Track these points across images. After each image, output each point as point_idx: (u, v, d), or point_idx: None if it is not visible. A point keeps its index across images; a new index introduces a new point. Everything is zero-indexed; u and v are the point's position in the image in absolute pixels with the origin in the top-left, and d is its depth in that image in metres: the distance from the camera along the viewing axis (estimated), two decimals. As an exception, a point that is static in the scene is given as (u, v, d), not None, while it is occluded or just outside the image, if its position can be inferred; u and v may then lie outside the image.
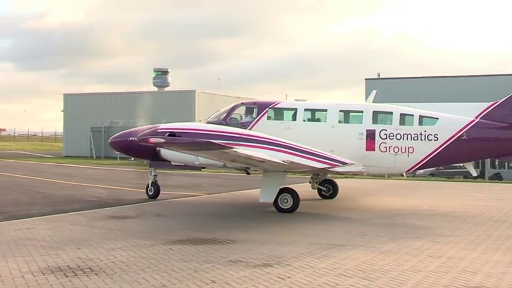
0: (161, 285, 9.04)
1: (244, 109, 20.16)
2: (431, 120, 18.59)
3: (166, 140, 14.88)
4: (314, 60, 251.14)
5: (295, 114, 19.60)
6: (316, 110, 20.17)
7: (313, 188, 22.43)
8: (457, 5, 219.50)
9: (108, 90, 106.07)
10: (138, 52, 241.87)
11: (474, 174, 19.99)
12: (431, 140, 18.28)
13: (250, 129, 19.04)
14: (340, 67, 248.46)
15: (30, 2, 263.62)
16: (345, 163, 17.97)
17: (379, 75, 56.59)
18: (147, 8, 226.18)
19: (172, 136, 17.49)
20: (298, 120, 19.44)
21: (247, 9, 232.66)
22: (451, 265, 10.66)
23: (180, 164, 19.22)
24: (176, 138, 16.91)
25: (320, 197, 21.88)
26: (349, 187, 26.82)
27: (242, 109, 20.17)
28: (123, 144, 20.14)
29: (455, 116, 18.56)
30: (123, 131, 21.69)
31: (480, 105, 18.92)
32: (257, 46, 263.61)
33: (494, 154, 19.86)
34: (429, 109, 19.09)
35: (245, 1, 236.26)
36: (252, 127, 19.19)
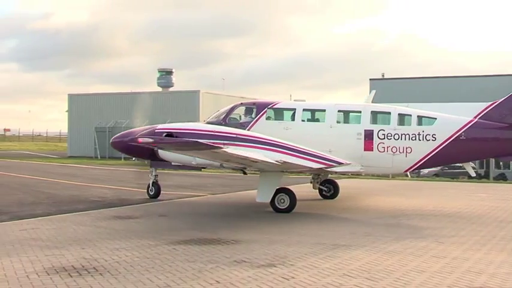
0: (165, 285, 9.05)
1: (243, 109, 20.26)
2: (429, 120, 18.59)
3: (154, 140, 15.13)
4: (319, 60, 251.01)
5: (293, 114, 19.69)
6: (314, 110, 20.27)
7: (314, 188, 22.49)
8: (463, 5, 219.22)
9: (112, 90, 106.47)
10: (143, 52, 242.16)
11: (473, 174, 19.96)
12: (429, 140, 18.26)
13: (249, 129, 19.15)
14: (344, 67, 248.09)
15: (35, 3, 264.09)
16: (341, 163, 17.97)
17: (383, 75, 56.52)
18: (152, 9, 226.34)
19: (169, 136, 17.69)
20: (296, 120, 19.51)
21: (252, 9, 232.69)
22: (456, 265, 10.65)
23: (180, 164, 19.28)
24: (164, 138, 17.21)
25: (321, 197, 21.93)
26: (353, 187, 26.82)
27: (241, 109, 20.26)
28: (123, 144, 20.20)
29: (453, 116, 18.53)
30: (124, 131, 21.78)
31: (479, 105, 18.88)
32: (262, 46, 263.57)
33: (492, 154, 19.85)
34: (427, 109, 19.10)
35: (250, 1, 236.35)
36: (251, 127, 19.27)
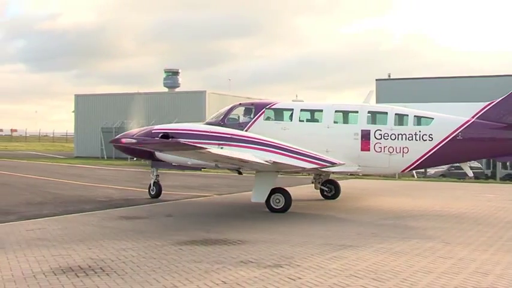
0: (172, 285, 9.06)
1: (241, 110, 20.39)
2: (426, 120, 18.56)
3: (137, 141, 15.54)
4: (325, 60, 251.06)
5: (291, 114, 19.77)
6: (312, 111, 20.37)
7: (316, 189, 22.60)
8: (470, 4, 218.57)
9: (119, 91, 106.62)
10: (149, 53, 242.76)
11: (470, 174, 19.90)
12: (426, 140, 18.22)
13: (247, 129, 19.31)
14: (351, 68, 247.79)
15: (42, 3, 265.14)
16: (334, 163, 17.97)
17: (389, 75, 56.42)
18: (159, 9, 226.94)
19: (165, 137, 17.92)
20: (294, 120, 19.58)
21: (259, 9, 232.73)
22: (463, 266, 10.62)
23: (179, 165, 19.36)
24: (146, 139, 17.61)
25: (323, 198, 22.02)
26: (360, 188, 26.79)
27: (240, 110, 20.40)
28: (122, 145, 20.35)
29: (450, 116, 18.49)
30: (124, 132, 21.90)
31: (476, 105, 18.82)
32: (269, 47, 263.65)
33: (490, 154, 19.74)
34: (425, 109, 19.07)
35: (257, 2, 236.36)
36: (249, 127, 19.40)
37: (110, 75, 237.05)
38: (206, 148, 14.98)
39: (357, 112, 19.10)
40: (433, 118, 18.45)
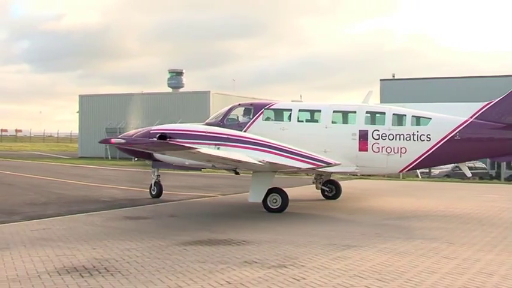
0: (176, 285, 9.07)
1: (241, 110, 20.47)
2: (424, 120, 18.55)
3: (126, 141, 15.64)
4: (329, 61, 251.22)
5: (290, 115, 19.80)
6: (310, 111, 20.42)
7: (317, 189, 22.65)
8: (474, 5, 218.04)
9: (123, 91, 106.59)
10: (153, 53, 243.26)
11: (468, 175, 19.87)
12: (423, 141, 18.21)
13: (246, 129, 19.37)
14: (355, 68, 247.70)
15: (46, 4, 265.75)
16: (330, 163, 17.96)
17: (393, 76, 56.35)
18: (163, 9, 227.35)
19: (163, 137, 18.00)
20: (292, 120, 19.62)
21: (262, 10, 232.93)
22: (467, 267, 10.60)
23: (184, 165, 19.39)
24: (135, 139, 17.89)
25: (324, 198, 22.07)
26: (364, 188, 26.77)
27: (239, 110, 20.48)
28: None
29: (448, 116, 18.46)
30: (125, 133, 21.96)
31: (474, 105, 18.79)
32: (272, 47, 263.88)
33: (488, 154, 19.70)
34: (423, 109, 19.06)
35: (261, 2, 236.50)
36: (248, 128, 19.46)
37: (114, 75, 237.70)
38: (195, 148, 15.05)
39: (355, 112, 19.13)
40: (431, 118, 18.45)
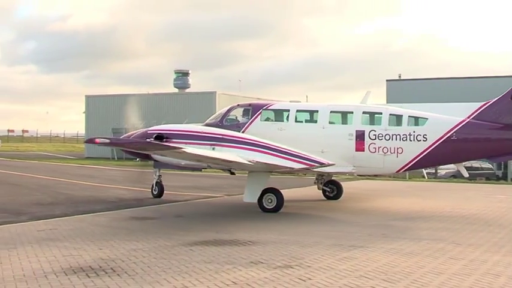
0: (182, 286, 9.07)
1: (239, 111, 20.56)
2: (420, 120, 18.54)
3: (111, 141, 15.73)
4: (335, 61, 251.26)
5: (287, 115, 19.86)
6: (307, 111, 20.47)
7: (318, 189, 22.69)
8: (481, 5, 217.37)
9: (129, 91, 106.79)
10: (160, 54, 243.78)
11: (466, 175, 19.79)
12: (420, 141, 18.19)
13: (244, 130, 19.49)
14: (361, 68, 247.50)
15: (53, 4, 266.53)
16: (323, 163, 17.94)
17: (400, 76, 56.24)
18: (170, 10, 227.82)
19: (159, 138, 18.10)
20: (290, 121, 19.69)
21: (269, 11, 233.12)
22: (474, 267, 10.57)
23: (181, 165, 19.44)
24: (119, 138, 18.25)
25: (325, 198, 22.13)
26: (370, 189, 26.74)
27: (238, 111, 20.59)
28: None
29: (445, 117, 18.43)
30: (126, 133, 22.00)
31: (472, 105, 18.75)
32: (278, 47, 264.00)
33: (485, 155, 19.61)
34: (420, 109, 19.03)
35: (267, 3, 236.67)
36: (246, 128, 19.57)
37: (121, 76, 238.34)
38: (181, 148, 15.13)
39: (352, 113, 19.15)
40: (428, 118, 18.42)
